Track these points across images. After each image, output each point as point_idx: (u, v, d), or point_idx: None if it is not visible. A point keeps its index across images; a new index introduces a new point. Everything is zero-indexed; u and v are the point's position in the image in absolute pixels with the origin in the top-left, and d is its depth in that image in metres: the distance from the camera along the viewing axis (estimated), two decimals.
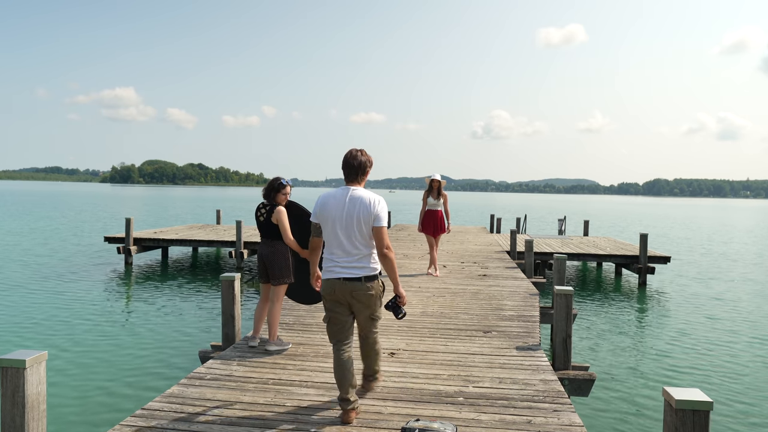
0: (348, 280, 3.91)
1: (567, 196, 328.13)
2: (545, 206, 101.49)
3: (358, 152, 4.04)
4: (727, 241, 34.12)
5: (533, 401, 4.29)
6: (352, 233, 3.90)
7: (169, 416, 3.95)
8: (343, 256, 3.93)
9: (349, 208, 3.90)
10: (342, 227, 3.91)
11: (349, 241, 3.91)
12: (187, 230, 21.00)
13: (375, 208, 3.89)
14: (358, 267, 3.93)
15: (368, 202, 3.90)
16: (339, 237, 3.92)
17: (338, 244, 3.93)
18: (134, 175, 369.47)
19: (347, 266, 3.93)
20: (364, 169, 4.04)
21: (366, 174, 4.05)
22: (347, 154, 4.04)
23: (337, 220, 3.91)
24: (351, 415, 3.91)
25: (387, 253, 3.93)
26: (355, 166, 4.00)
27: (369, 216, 3.89)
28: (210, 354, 5.97)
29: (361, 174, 4.02)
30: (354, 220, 3.89)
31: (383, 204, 3.94)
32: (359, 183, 4.03)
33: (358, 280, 3.92)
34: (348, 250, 3.92)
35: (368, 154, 4.11)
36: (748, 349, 10.11)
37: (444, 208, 10.66)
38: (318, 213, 4.01)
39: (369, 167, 4.08)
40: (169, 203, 76.39)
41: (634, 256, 16.23)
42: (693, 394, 2.95)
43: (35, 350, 3.36)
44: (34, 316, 11.29)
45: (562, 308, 5.88)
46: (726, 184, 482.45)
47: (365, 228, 3.90)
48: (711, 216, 76.11)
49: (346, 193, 3.95)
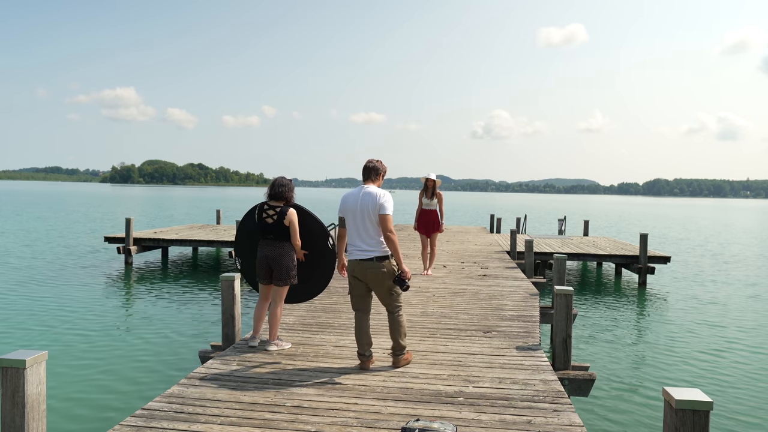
0: (363, 260, 4.86)
1: (567, 196, 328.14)
2: (545, 206, 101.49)
3: (376, 160, 5.12)
4: (727, 242, 34.12)
5: (533, 401, 4.29)
6: (364, 222, 4.85)
7: (169, 416, 3.95)
8: (359, 242, 4.88)
9: (362, 201, 4.89)
10: (358, 217, 4.88)
11: (363, 228, 4.86)
12: (187, 230, 21.01)
13: (380, 199, 4.85)
14: (371, 249, 4.86)
15: (375, 195, 4.88)
16: (356, 226, 4.88)
17: (356, 232, 4.90)
18: (134, 175, 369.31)
19: (363, 249, 4.87)
20: (377, 172, 5.07)
21: (379, 176, 5.08)
22: (367, 161, 5.12)
23: (354, 213, 4.90)
24: (367, 364, 4.97)
25: (390, 236, 4.83)
26: (370, 168, 5.06)
27: (375, 206, 4.83)
28: (210, 354, 5.97)
29: (375, 175, 5.05)
30: (365, 211, 4.85)
31: (388, 196, 4.88)
32: (373, 183, 5.03)
33: (371, 260, 4.86)
34: (363, 236, 4.87)
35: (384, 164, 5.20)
36: (749, 349, 10.11)
37: (439, 208, 10.68)
38: (342, 208, 5.02)
39: (382, 171, 5.10)
40: (168, 203, 76.39)
41: (634, 256, 16.23)
42: (693, 394, 2.95)
43: (35, 350, 3.36)
44: (34, 316, 11.29)
45: (562, 308, 5.88)
46: (726, 184, 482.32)
47: (374, 217, 4.84)
48: (711, 216, 76.11)
49: (360, 191, 4.96)
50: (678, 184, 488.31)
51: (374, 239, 4.85)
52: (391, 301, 4.99)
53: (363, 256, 4.86)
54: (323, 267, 5.89)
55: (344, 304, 7.77)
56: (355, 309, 5.09)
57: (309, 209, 5.87)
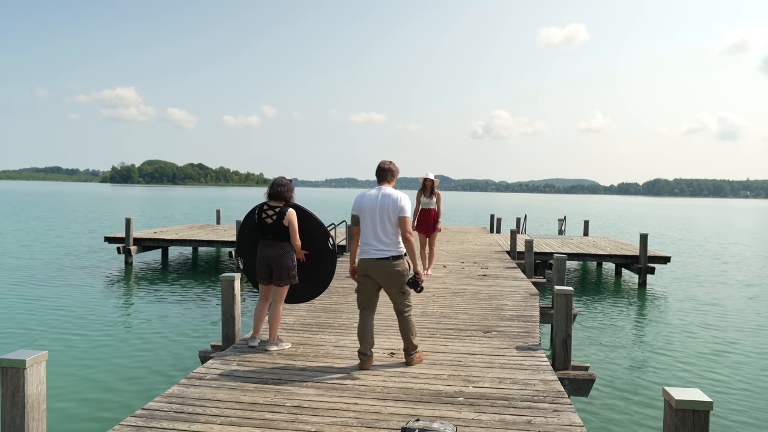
0: (379, 259, 4.98)
1: (567, 196, 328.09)
2: (545, 206, 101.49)
3: (389, 162, 5.24)
4: (727, 242, 34.12)
5: (533, 401, 4.29)
6: (384, 222, 4.98)
7: (169, 416, 3.94)
8: (375, 241, 5.00)
9: (381, 202, 5.01)
10: (377, 218, 4.99)
11: (382, 228, 4.98)
12: (187, 230, 21.01)
13: (400, 202, 5.00)
14: (387, 249, 4.99)
15: (395, 197, 5.02)
16: (374, 226, 4.99)
17: (373, 231, 5.00)
18: (134, 175, 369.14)
19: (379, 249, 4.99)
20: (392, 174, 5.22)
21: (394, 177, 5.23)
22: (380, 163, 5.24)
23: (371, 212, 5.00)
24: (367, 364, 5.03)
25: (409, 237, 5.01)
26: (386, 170, 5.18)
27: (396, 208, 4.97)
28: (210, 354, 5.97)
29: (390, 177, 5.19)
30: (384, 212, 4.98)
31: (407, 199, 5.04)
32: (389, 184, 5.16)
33: (387, 259, 4.98)
34: (379, 236, 4.99)
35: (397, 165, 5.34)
36: (749, 349, 10.11)
37: (437, 207, 10.69)
38: (357, 207, 5.09)
39: (396, 173, 5.25)
40: (168, 203, 76.39)
41: (634, 256, 16.22)
42: (693, 394, 2.95)
43: (35, 350, 3.36)
44: (34, 316, 11.29)
45: (562, 308, 5.88)
46: (726, 184, 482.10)
47: (394, 218, 4.98)
48: (711, 216, 76.11)
49: (379, 192, 5.07)
50: (678, 184, 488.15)
51: (391, 239, 4.99)
52: (402, 300, 5.11)
53: (379, 255, 4.97)
54: (323, 267, 5.90)
55: (344, 304, 7.78)
56: (361, 308, 5.16)
57: (309, 209, 5.87)
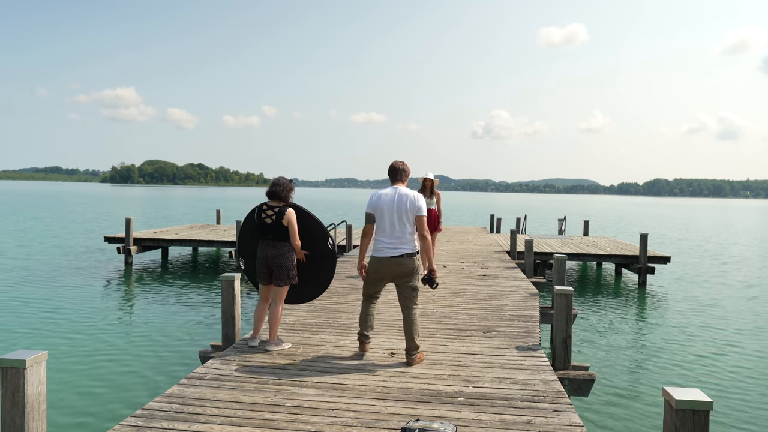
0: (394, 257, 5.13)
1: (567, 196, 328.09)
2: (545, 206, 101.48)
3: (401, 162, 5.42)
4: (727, 242, 34.12)
5: (533, 401, 4.29)
6: (402, 220, 5.12)
7: (169, 416, 3.94)
8: (392, 239, 5.14)
9: (399, 201, 5.15)
10: (395, 216, 5.13)
11: (399, 226, 5.13)
12: (187, 230, 21.01)
13: (418, 202, 5.16)
14: (403, 246, 5.13)
15: (413, 197, 5.18)
16: (392, 224, 5.13)
17: (390, 230, 5.15)
18: (134, 175, 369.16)
19: (395, 246, 5.13)
20: (406, 174, 5.42)
21: (407, 177, 5.40)
22: (393, 163, 5.40)
23: (389, 211, 5.14)
24: (365, 346, 5.40)
25: (426, 235, 5.20)
26: (399, 170, 5.36)
27: (414, 208, 5.14)
28: (210, 354, 5.97)
29: (404, 177, 5.36)
30: (402, 211, 5.13)
31: (422, 199, 5.21)
32: (402, 183, 5.33)
33: (402, 257, 5.13)
34: (397, 234, 5.14)
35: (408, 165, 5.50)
36: (748, 349, 10.11)
37: (437, 207, 10.67)
38: (374, 206, 5.23)
39: (408, 173, 5.44)
40: (168, 203, 76.38)
41: (634, 256, 16.23)
42: (693, 394, 2.95)
43: (35, 350, 3.36)
44: (34, 316, 11.29)
45: (562, 308, 5.88)
46: (726, 184, 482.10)
47: (411, 216, 5.14)
48: (711, 216, 76.11)
49: (395, 191, 5.22)
50: (678, 184, 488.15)
51: (407, 237, 5.14)
52: (412, 297, 5.22)
53: (395, 253, 5.12)
54: (323, 268, 5.89)
55: (344, 304, 7.78)
56: (365, 297, 5.38)
57: (309, 209, 5.87)
